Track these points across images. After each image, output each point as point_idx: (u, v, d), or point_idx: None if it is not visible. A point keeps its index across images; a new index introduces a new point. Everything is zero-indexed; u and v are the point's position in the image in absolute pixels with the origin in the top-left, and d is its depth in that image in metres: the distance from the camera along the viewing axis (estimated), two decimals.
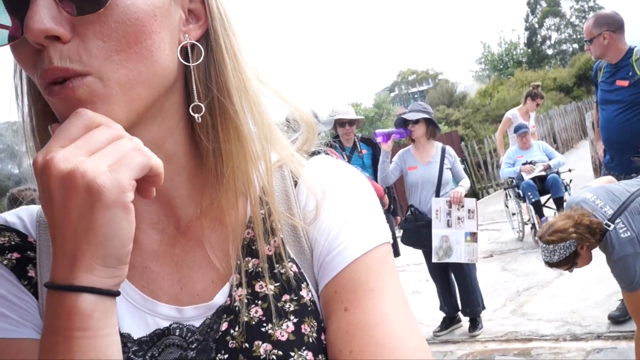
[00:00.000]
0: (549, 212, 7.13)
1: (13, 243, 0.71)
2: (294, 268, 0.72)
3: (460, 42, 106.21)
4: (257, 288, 0.70)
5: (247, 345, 0.66)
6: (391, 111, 38.60)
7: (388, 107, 41.49)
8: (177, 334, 0.69)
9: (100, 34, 0.57)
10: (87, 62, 0.57)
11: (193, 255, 0.73)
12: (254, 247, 0.72)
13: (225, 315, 0.69)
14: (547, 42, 47.35)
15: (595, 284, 5.04)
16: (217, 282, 0.72)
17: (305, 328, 0.68)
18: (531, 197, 6.90)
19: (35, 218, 0.74)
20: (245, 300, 0.69)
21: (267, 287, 0.70)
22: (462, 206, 4.79)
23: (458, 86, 36.27)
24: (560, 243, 2.77)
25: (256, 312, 0.68)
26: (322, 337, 0.69)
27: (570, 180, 7.20)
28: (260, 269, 0.71)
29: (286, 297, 0.70)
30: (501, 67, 42.76)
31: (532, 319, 4.89)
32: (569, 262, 2.81)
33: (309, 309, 0.70)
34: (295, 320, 0.68)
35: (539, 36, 47.14)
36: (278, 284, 0.70)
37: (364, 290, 0.68)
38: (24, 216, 0.75)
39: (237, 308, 0.69)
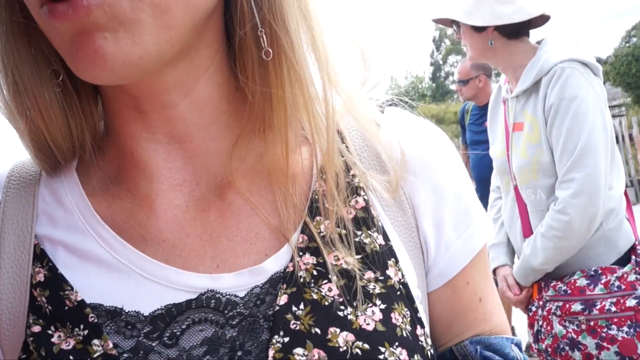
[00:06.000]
0: None
1: None
2: (381, 239, 0.55)
3: None
4: (331, 259, 0.52)
5: (317, 330, 0.49)
6: None
7: None
8: (212, 305, 0.50)
9: None
10: None
11: (236, 222, 0.54)
12: (327, 206, 0.54)
13: (284, 286, 0.51)
14: (450, 78, 50.09)
15: None
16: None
17: (396, 317, 0.51)
18: None
19: (6, 175, 0.57)
20: (315, 272, 0.52)
21: (346, 260, 0.52)
22: None
23: None
24: None
25: (329, 290, 0.51)
26: (418, 331, 0.53)
27: None
28: (337, 235, 0.53)
29: (370, 274, 0.53)
30: (407, 99, 44.55)
31: None
32: None
33: (398, 293, 0.53)
34: (382, 306, 0.51)
35: (442, 72, 49.85)
36: (360, 256, 0.53)
37: (487, 277, 0.61)
38: None
39: (302, 279, 0.51)
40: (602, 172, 1.62)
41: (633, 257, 1.72)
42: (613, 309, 1.62)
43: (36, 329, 0.49)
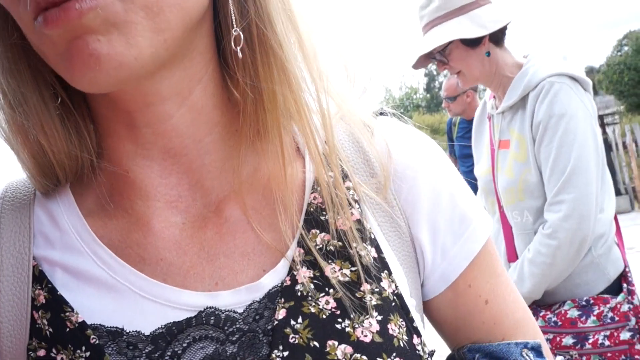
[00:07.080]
0: None
1: None
2: (374, 252, 0.55)
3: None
4: (328, 272, 0.52)
5: (316, 344, 0.49)
6: None
7: None
8: (211, 322, 0.50)
9: None
10: None
11: (232, 238, 0.54)
12: (323, 218, 0.55)
13: (282, 300, 0.51)
14: None
15: None
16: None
17: (392, 328, 0.52)
18: None
19: None
20: (312, 285, 0.52)
21: (343, 272, 0.53)
22: None
23: None
24: None
25: (327, 302, 0.51)
26: (414, 340, 0.53)
27: None
28: (333, 247, 0.54)
29: (366, 286, 0.52)
30: (401, 110, 44.84)
31: None
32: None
33: (393, 304, 0.53)
34: (379, 317, 0.51)
35: (437, 82, 50.02)
36: (355, 268, 0.53)
37: (494, 276, 0.60)
38: None
39: (300, 293, 0.51)
40: (593, 193, 1.53)
41: (625, 285, 1.62)
42: (607, 342, 1.53)
43: (41, 352, 0.49)
